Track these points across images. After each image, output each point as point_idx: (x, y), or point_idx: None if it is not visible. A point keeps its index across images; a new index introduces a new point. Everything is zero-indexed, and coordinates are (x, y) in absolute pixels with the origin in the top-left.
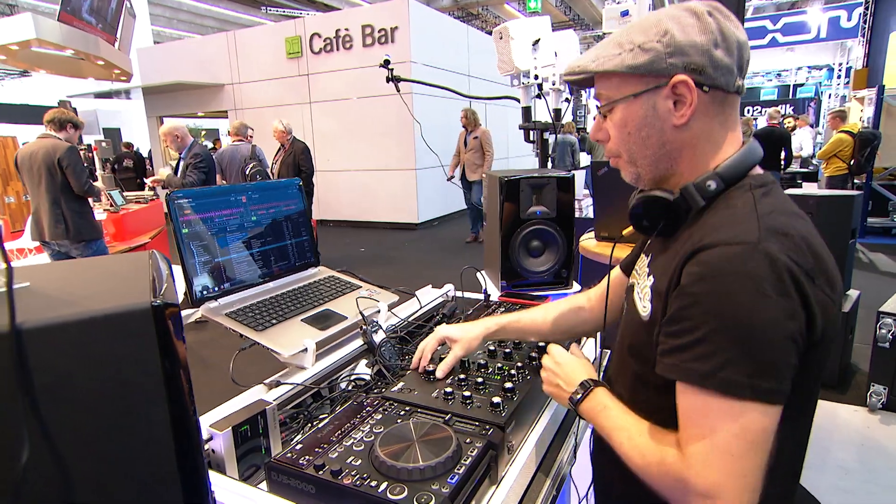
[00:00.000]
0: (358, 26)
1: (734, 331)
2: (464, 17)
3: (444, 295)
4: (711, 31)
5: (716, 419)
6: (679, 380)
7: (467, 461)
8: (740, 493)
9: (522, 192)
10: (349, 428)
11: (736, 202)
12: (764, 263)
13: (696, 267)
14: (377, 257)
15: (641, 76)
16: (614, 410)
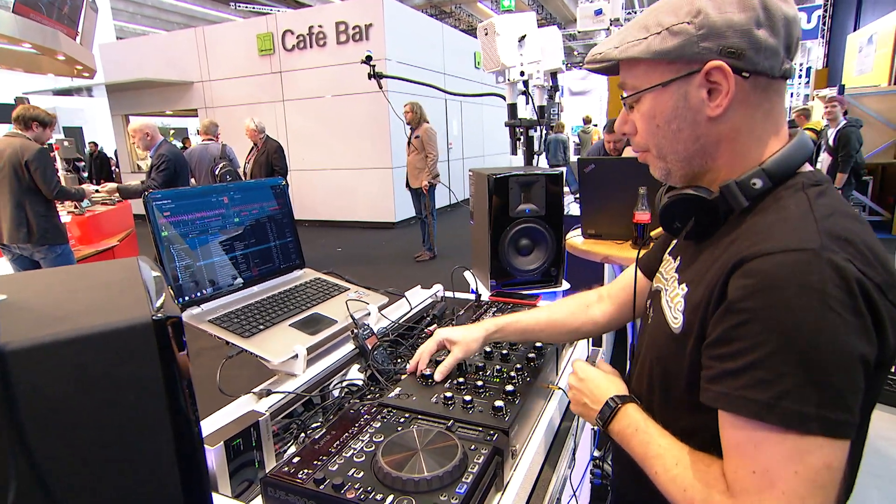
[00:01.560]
0: (332, 23)
1: (798, 353)
2: (437, 14)
3: (434, 296)
4: (753, 6)
5: (775, 457)
6: (731, 411)
7: (474, 469)
8: None
9: (511, 190)
10: (347, 438)
11: (788, 203)
12: (831, 274)
13: (747, 279)
14: (356, 257)
15: (671, 62)
16: (647, 433)
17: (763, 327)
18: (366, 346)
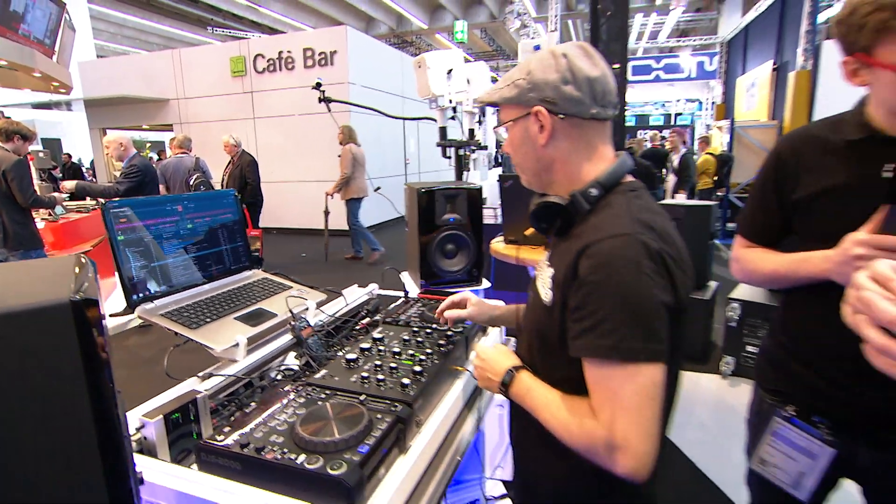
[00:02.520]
0: (299, 49)
1: (628, 308)
2: (399, 43)
3: (370, 293)
4: (562, 69)
5: (620, 383)
6: (589, 356)
7: (377, 433)
8: (644, 440)
9: (437, 202)
10: (274, 411)
11: (614, 203)
12: (641, 250)
13: (589, 259)
14: (319, 261)
15: (517, 105)
16: (537, 391)
17: (603, 293)
18: (301, 336)
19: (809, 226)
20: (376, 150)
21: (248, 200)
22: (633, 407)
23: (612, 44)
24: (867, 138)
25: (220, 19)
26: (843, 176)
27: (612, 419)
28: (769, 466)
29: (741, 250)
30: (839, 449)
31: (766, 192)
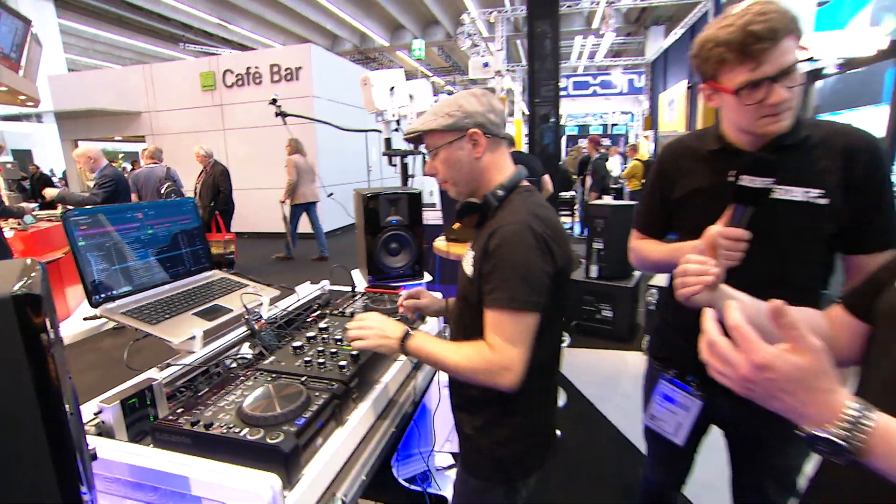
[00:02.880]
0: (267, 65)
1: (519, 274)
2: (363, 59)
3: (321, 289)
4: (484, 104)
5: (509, 324)
6: (491, 308)
7: (314, 408)
8: (521, 363)
9: (381, 205)
10: (224, 393)
11: (514, 201)
12: (530, 232)
13: (494, 239)
14: (286, 262)
15: (452, 131)
16: (434, 341)
17: (504, 263)
18: (255, 328)
19: (684, 220)
20: (340, 159)
21: (221, 207)
22: (518, 340)
23: (548, 62)
24: (721, 149)
25: (192, 36)
26: (707, 179)
27: (504, 349)
28: (657, 420)
29: (636, 242)
30: (705, 401)
31: (653, 192)
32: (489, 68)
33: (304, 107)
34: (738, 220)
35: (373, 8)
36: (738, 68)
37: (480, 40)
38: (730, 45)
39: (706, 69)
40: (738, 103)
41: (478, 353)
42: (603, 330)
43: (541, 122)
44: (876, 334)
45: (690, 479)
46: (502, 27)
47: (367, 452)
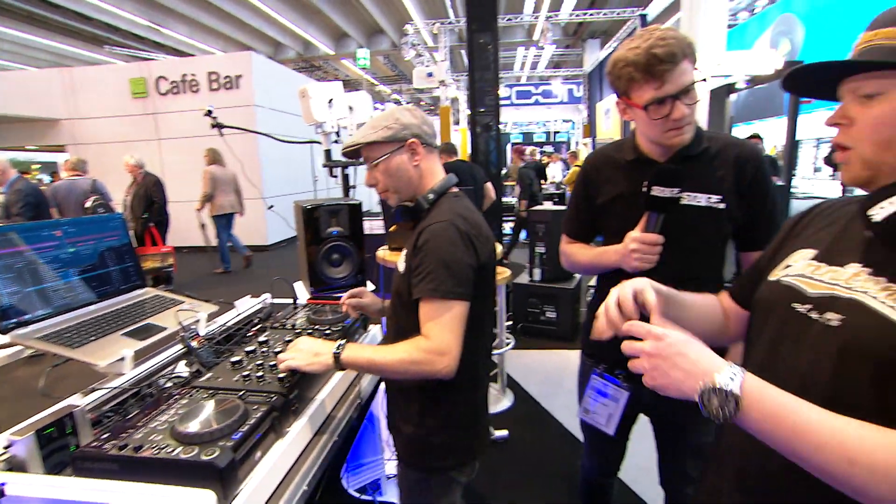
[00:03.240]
0: (204, 72)
1: (446, 266)
2: (307, 68)
3: (262, 302)
4: (418, 117)
5: (440, 313)
6: (423, 297)
7: (252, 421)
8: (456, 348)
9: (322, 217)
10: (156, 413)
11: (442, 204)
12: (456, 230)
13: (424, 236)
14: (229, 276)
15: (391, 142)
16: (367, 350)
17: (431, 257)
18: (191, 345)
19: (608, 225)
20: (285, 170)
21: (155, 219)
22: (450, 327)
23: (486, 72)
24: (636, 159)
25: (119, 38)
26: (625, 187)
27: (438, 335)
28: (591, 414)
29: (566, 246)
30: (632, 392)
31: (579, 199)
32: (433, 78)
33: (245, 116)
34: (652, 226)
35: (316, 15)
36: (645, 86)
37: (424, 50)
38: (637, 65)
39: (620, 86)
40: (648, 117)
41: (414, 345)
42: (547, 331)
43: (483, 131)
44: (752, 320)
45: (625, 464)
46: (446, 37)
47: (309, 462)
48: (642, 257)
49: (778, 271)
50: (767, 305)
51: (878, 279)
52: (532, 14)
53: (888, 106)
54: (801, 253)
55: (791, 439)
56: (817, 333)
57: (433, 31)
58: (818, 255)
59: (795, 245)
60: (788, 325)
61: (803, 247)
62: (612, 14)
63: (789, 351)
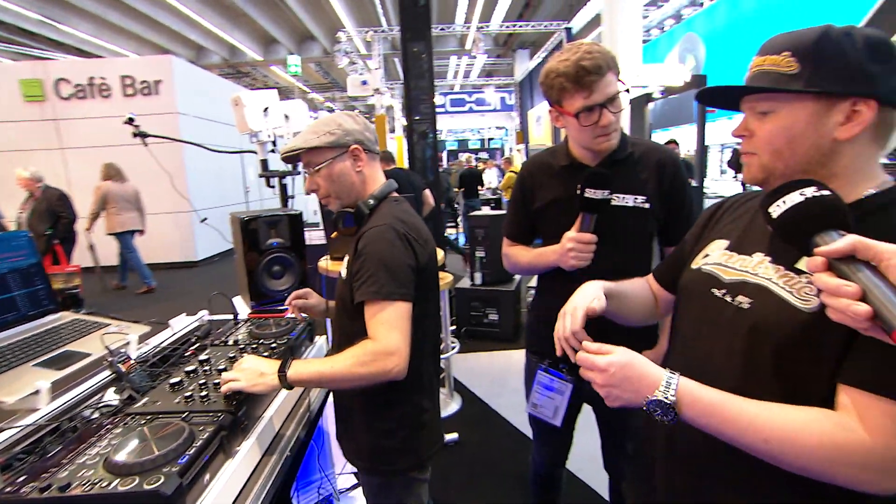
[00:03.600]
0: (116, 76)
1: (386, 268)
2: (234, 74)
3: (199, 320)
4: (360, 123)
5: (385, 313)
6: (366, 299)
7: (198, 444)
8: (404, 347)
9: (261, 229)
10: (85, 447)
11: (382, 209)
12: (395, 233)
13: (363, 240)
14: (155, 296)
15: (333, 148)
16: (313, 363)
17: (371, 259)
18: (121, 370)
19: (546, 227)
20: (214, 181)
21: (61, 236)
22: (396, 326)
23: (421, 81)
24: (569, 165)
25: (3, 33)
26: (560, 191)
27: (385, 336)
28: (539, 408)
29: (507, 248)
30: (575, 384)
31: (517, 203)
32: (368, 86)
33: (168, 124)
34: (586, 226)
35: (242, 19)
36: (575, 96)
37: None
38: (567, 76)
39: (552, 95)
40: (578, 124)
41: (361, 349)
42: (491, 333)
43: (419, 138)
44: (678, 304)
45: (572, 456)
46: (379, 45)
47: (261, 482)
48: (578, 255)
49: (699, 260)
50: (690, 291)
51: (777, 267)
52: (464, 24)
53: (778, 122)
54: (717, 243)
55: (722, 429)
56: (732, 314)
57: (366, 39)
58: (730, 246)
59: (711, 236)
60: (708, 308)
61: (718, 237)
62: (540, 26)
63: (710, 330)
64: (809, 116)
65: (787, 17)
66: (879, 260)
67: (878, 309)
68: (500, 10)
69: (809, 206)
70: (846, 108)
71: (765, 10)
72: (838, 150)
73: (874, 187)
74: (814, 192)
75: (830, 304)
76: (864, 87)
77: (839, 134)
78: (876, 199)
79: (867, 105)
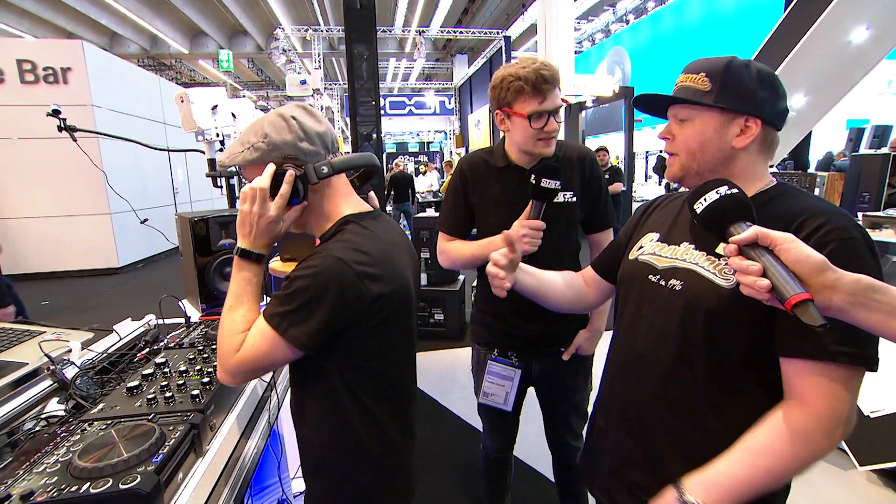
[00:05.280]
0: (12, 60)
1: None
2: (155, 66)
3: (147, 324)
4: (295, 130)
5: (263, 336)
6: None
7: (171, 442)
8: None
9: (211, 229)
10: (40, 457)
11: (336, 236)
12: (343, 265)
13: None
14: (69, 308)
15: (261, 165)
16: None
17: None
18: (66, 378)
19: (482, 221)
20: (136, 180)
21: None
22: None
23: (367, 82)
24: (506, 166)
25: None
26: (497, 190)
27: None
28: (490, 396)
29: (444, 244)
30: (523, 369)
31: (456, 197)
32: (307, 86)
33: (81, 117)
34: (536, 213)
35: (163, 7)
36: (530, 100)
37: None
38: (527, 80)
39: (505, 97)
40: (527, 126)
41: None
42: (437, 332)
43: (363, 140)
44: (619, 292)
45: (519, 443)
46: (319, 45)
47: (232, 480)
48: (531, 241)
49: (634, 251)
50: (630, 279)
51: (701, 253)
52: (403, 28)
53: (694, 128)
54: (649, 236)
55: (742, 490)
56: (668, 296)
57: (304, 38)
58: (661, 238)
59: (644, 231)
60: (646, 292)
61: (649, 231)
62: (479, 33)
63: (649, 310)
64: (716, 126)
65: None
66: (775, 245)
67: (775, 284)
68: (440, 16)
69: (724, 202)
70: (741, 122)
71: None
72: (736, 155)
73: (763, 186)
74: (726, 191)
75: (742, 280)
76: (754, 108)
77: (735, 143)
78: (763, 195)
79: (755, 123)
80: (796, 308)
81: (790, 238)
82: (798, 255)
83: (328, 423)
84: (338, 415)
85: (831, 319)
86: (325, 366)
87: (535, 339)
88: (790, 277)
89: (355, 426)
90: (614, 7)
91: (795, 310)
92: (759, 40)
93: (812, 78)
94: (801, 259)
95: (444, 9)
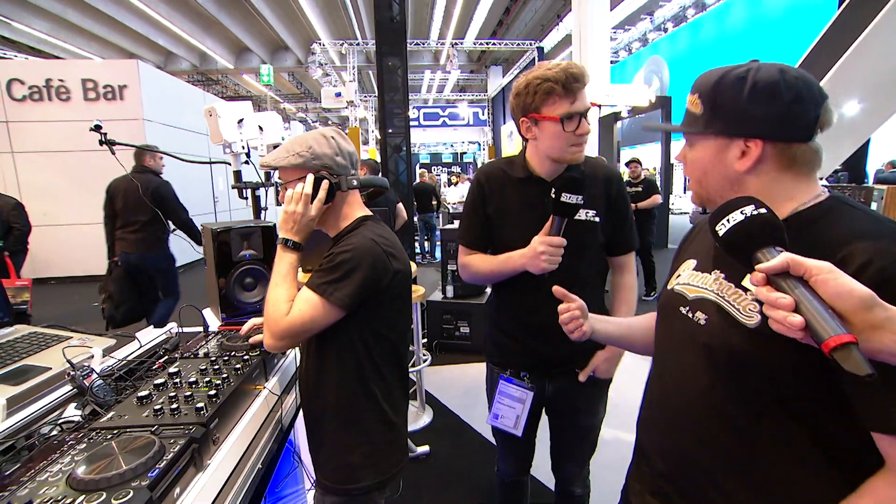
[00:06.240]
0: (77, 79)
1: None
2: (204, 81)
3: (168, 332)
4: (333, 147)
5: (304, 300)
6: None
7: (169, 457)
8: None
9: (233, 240)
10: (45, 465)
11: (362, 227)
12: (379, 249)
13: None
14: None
15: (302, 169)
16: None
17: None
18: (84, 384)
19: (499, 234)
20: (182, 191)
21: (12, 248)
22: (303, 313)
23: (396, 95)
24: (526, 178)
25: None
26: (515, 202)
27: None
28: (501, 418)
29: (465, 257)
30: (535, 389)
31: (475, 208)
32: (342, 98)
33: (134, 131)
34: (557, 230)
35: (214, 26)
36: (560, 101)
37: (332, 69)
38: (557, 81)
39: (532, 102)
40: (559, 131)
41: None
42: (462, 345)
43: (393, 152)
44: (657, 322)
45: (539, 462)
46: (354, 58)
47: (231, 496)
48: (550, 258)
49: (673, 280)
50: (664, 310)
51: (729, 284)
52: (438, 40)
53: (696, 154)
54: (687, 263)
55: None
56: (693, 330)
57: (340, 51)
58: (697, 265)
59: (684, 257)
60: (676, 325)
61: (689, 258)
62: (513, 44)
63: (679, 346)
64: (713, 152)
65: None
66: (809, 275)
67: (809, 321)
68: (474, 28)
69: (750, 223)
70: (740, 145)
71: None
72: (743, 179)
73: (798, 205)
74: (752, 210)
75: (770, 315)
76: (748, 129)
77: (738, 167)
78: (807, 213)
79: (754, 144)
80: (836, 352)
81: (828, 268)
82: (839, 289)
83: (350, 386)
84: (360, 377)
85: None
86: (350, 333)
87: (549, 357)
88: (829, 315)
89: (371, 387)
90: (652, 16)
91: (835, 354)
92: (809, 44)
93: (868, 82)
94: (842, 293)
95: (478, 21)
